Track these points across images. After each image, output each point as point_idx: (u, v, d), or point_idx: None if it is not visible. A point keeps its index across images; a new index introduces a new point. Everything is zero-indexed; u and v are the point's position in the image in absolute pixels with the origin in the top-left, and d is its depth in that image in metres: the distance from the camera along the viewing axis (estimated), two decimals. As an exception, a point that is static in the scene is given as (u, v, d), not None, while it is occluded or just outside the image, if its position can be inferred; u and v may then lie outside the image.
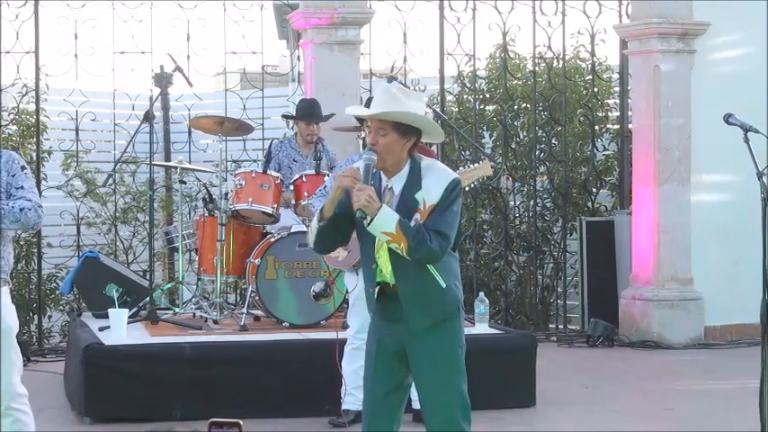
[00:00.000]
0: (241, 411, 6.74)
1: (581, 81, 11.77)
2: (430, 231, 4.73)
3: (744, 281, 9.93)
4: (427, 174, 4.82)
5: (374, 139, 4.79)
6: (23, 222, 5.11)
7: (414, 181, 4.81)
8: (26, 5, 10.05)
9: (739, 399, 7.76)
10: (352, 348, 7.06)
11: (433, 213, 4.76)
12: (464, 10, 10.94)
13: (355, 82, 10.23)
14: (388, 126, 4.77)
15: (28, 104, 10.41)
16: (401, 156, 4.81)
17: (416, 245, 4.70)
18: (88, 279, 8.99)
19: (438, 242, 4.73)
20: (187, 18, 10.69)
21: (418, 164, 4.84)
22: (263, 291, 8.07)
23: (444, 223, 4.77)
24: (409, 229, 4.71)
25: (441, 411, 4.88)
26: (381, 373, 4.92)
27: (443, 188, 4.78)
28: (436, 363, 4.85)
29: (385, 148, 4.78)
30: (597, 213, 11.62)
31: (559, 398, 8.15)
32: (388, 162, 4.81)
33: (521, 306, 11.54)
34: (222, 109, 10.66)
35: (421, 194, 4.79)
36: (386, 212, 4.71)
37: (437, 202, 4.77)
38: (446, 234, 4.77)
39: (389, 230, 4.71)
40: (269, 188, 8.27)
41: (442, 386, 4.87)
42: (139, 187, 11.02)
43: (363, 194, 4.69)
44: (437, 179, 4.81)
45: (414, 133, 4.81)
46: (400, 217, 4.72)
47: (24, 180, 5.17)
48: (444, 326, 4.87)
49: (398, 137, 4.78)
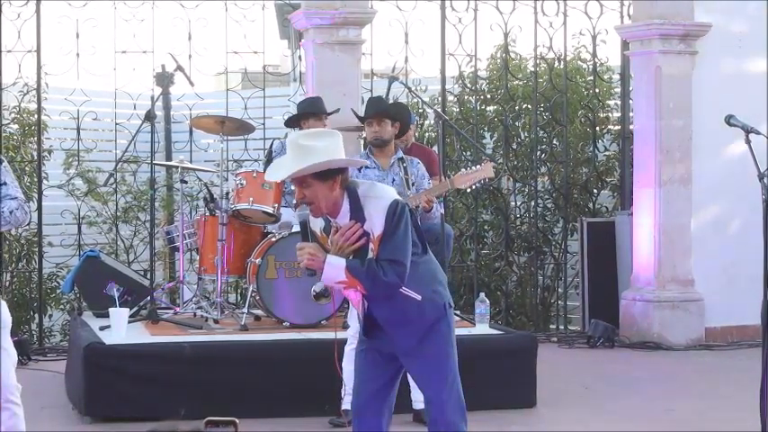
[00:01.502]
0: (241, 411, 6.74)
1: (582, 82, 11.77)
2: (383, 262, 4.71)
3: (744, 282, 9.93)
4: (367, 202, 4.79)
5: (300, 194, 4.79)
6: (13, 223, 5.14)
7: (357, 214, 4.79)
8: (28, 4, 10.05)
9: (740, 400, 7.76)
10: (352, 348, 7.03)
11: (383, 243, 4.73)
12: (465, 10, 10.94)
13: (356, 82, 10.22)
14: (307, 178, 4.76)
15: (29, 103, 10.42)
16: (334, 196, 4.79)
17: (371, 284, 4.73)
18: (89, 278, 9.00)
19: (393, 271, 4.72)
20: (188, 17, 10.70)
21: (355, 193, 4.82)
22: (263, 290, 8.07)
23: (394, 250, 4.73)
24: (359, 272, 4.71)
25: (438, 412, 4.92)
26: (370, 372, 4.96)
27: (384, 216, 4.74)
28: (428, 368, 4.90)
29: (314, 198, 4.77)
30: (598, 214, 11.62)
31: (560, 398, 8.15)
32: (325, 209, 4.79)
33: (521, 307, 11.54)
34: (223, 108, 10.66)
35: (369, 225, 4.76)
36: (331, 264, 4.73)
37: (382, 230, 4.74)
38: (399, 260, 4.73)
39: (341, 279, 4.75)
40: (270, 188, 8.26)
41: (436, 391, 4.91)
42: (140, 187, 11.03)
43: (304, 253, 4.76)
44: (376, 207, 4.77)
45: (336, 172, 4.79)
46: (347, 262, 4.72)
47: (6, 175, 5.15)
48: (432, 334, 4.89)
49: (321, 183, 4.76)
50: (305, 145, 4.81)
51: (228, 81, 11.05)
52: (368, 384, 4.96)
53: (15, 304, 10.43)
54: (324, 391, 7.23)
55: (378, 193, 4.84)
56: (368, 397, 4.96)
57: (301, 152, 4.77)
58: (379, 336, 4.92)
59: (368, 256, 4.76)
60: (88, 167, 10.94)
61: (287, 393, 7.44)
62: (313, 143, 4.81)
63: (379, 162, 7.19)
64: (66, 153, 10.90)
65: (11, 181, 5.17)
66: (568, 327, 11.32)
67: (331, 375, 6.98)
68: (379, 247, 4.74)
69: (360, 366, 5.02)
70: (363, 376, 4.98)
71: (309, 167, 4.73)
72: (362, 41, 10.27)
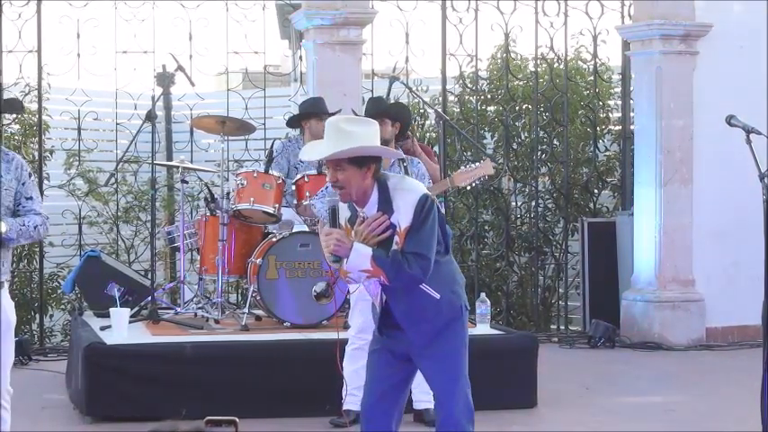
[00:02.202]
0: (242, 411, 6.74)
1: (583, 82, 11.77)
2: (408, 255, 4.74)
3: (745, 282, 9.94)
4: (396, 195, 4.82)
5: (333, 176, 4.81)
6: (35, 238, 5.24)
7: (386, 205, 4.82)
8: (29, 5, 10.06)
9: (740, 400, 7.76)
10: (353, 348, 7.06)
11: (409, 235, 4.76)
12: (466, 10, 10.94)
13: (357, 82, 10.23)
14: (343, 162, 4.79)
15: (30, 104, 10.41)
16: (365, 184, 4.82)
17: (395, 275, 4.73)
18: (90, 278, 9.00)
19: (418, 265, 4.74)
20: (189, 18, 10.70)
21: (385, 185, 4.85)
22: (264, 291, 8.07)
23: (420, 244, 4.76)
24: (384, 263, 4.73)
25: (445, 412, 4.92)
26: (381, 372, 4.94)
27: (413, 208, 4.77)
28: (438, 367, 4.89)
29: (346, 183, 4.80)
30: (599, 214, 11.62)
31: (560, 399, 8.15)
32: (355, 195, 4.82)
33: (522, 307, 11.54)
34: (224, 109, 10.66)
35: (396, 218, 4.79)
36: (357, 251, 4.74)
37: (411, 223, 4.76)
38: (424, 255, 4.76)
39: (365, 267, 4.75)
40: (271, 188, 8.26)
41: (445, 390, 4.91)
42: (141, 187, 11.03)
43: (331, 239, 4.75)
44: (405, 200, 4.80)
45: (371, 161, 4.82)
46: (373, 251, 4.74)
47: (33, 189, 5.22)
48: (446, 332, 4.89)
49: (356, 169, 4.80)
50: (345, 129, 4.83)
51: (229, 81, 11.04)
52: (379, 384, 4.95)
53: (16, 304, 10.42)
54: (325, 392, 7.22)
55: (408, 187, 4.89)
56: (378, 397, 4.95)
57: (341, 136, 4.80)
58: (394, 334, 4.91)
59: (392, 248, 4.77)
60: (89, 167, 10.93)
61: (288, 393, 7.44)
62: (353, 128, 4.83)
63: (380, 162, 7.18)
64: (67, 153, 10.90)
65: (36, 196, 5.22)
66: (569, 327, 11.32)
67: (332, 375, 6.97)
68: (405, 239, 4.76)
69: (372, 366, 5.00)
70: (375, 376, 4.97)
71: (349, 151, 4.76)
72: (363, 41, 10.28)
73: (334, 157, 4.78)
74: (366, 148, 4.81)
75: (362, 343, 7.00)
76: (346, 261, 4.76)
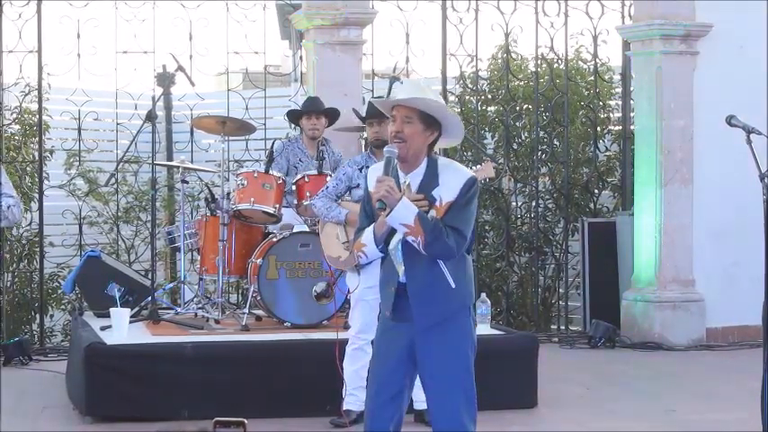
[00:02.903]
0: (242, 411, 6.72)
1: (583, 82, 11.77)
2: (447, 228, 4.75)
3: (745, 282, 9.93)
4: (444, 171, 4.86)
5: (400, 126, 4.81)
6: (10, 219, 5.16)
7: (431, 177, 4.84)
8: (29, 5, 10.06)
9: (741, 400, 7.77)
10: (353, 349, 7.06)
11: (451, 210, 4.79)
12: (467, 10, 10.94)
13: (357, 82, 10.23)
14: (414, 115, 4.81)
15: (30, 104, 10.43)
16: (422, 149, 4.85)
17: (433, 239, 4.72)
18: (90, 278, 9.00)
19: (454, 239, 4.76)
20: (189, 18, 10.71)
21: (435, 161, 4.89)
22: (264, 291, 8.07)
23: (461, 220, 4.80)
24: (427, 223, 4.72)
25: (445, 410, 4.86)
26: (386, 374, 4.91)
27: (461, 185, 4.81)
28: (443, 360, 4.84)
29: (409, 137, 4.81)
30: (599, 214, 11.62)
31: (561, 399, 8.15)
32: (410, 153, 4.83)
33: (522, 307, 11.55)
34: (224, 109, 10.66)
35: (438, 191, 4.82)
36: (405, 204, 4.73)
37: (454, 199, 4.80)
38: (462, 231, 4.79)
39: (408, 222, 4.73)
40: (271, 188, 8.27)
41: (447, 384, 4.85)
42: (141, 187, 11.03)
43: (383, 185, 4.73)
44: (454, 176, 4.84)
45: (436, 129, 4.86)
46: (419, 210, 4.74)
47: (1, 175, 5.18)
48: (451, 324, 4.86)
49: (423, 128, 4.82)
50: (427, 91, 4.87)
51: (229, 81, 11.04)
52: (386, 388, 4.89)
53: (16, 304, 10.45)
54: (325, 392, 7.23)
55: (458, 166, 4.98)
56: (385, 400, 4.90)
57: (421, 92, 4.85)
58: (405, 317, 4.87)
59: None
60: (89, 167, 10.94)
61: (288, 393, 7.44)
62: (432, 94, 4.88)
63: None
64: (68, 153, 10.90)
65: (5, 181, 5.19)
66: (569, 327, 11.32)
67: (332, 375, 7.01)
68: (446, 213, 4.78)
69: (379, 368, 4.95)
70: (383, 379, 4.91)
71: (434, 102, 4.82)
72: (363, 42, 10.29)
73: (416, 104, 4.79)
74: (445, 107, 4.89)
75: (362, 343, 7.02)
76: (389, 211, 4.74)
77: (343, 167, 7.37)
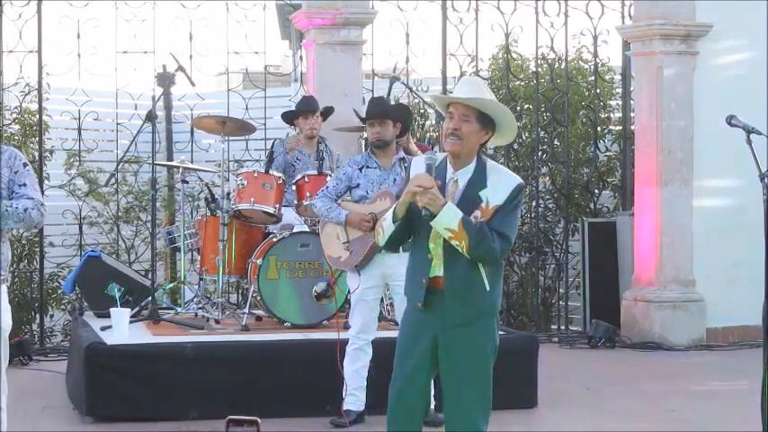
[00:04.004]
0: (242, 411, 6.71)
1: (583, 82, 11.77)
2: (493, 232, 4.79)
3: (745, 283, 9.93)
4: (493, 173, 4.90)
5: (458, 124, 4.85)
6: (27, 222, 5.15)
7: (479, 177, 4.88)
8: (29, 5, 10.06)
9: (741, 400, 7.77)
10: (353, 349, 7.06)
11: (497, 214, 4.83)
12: (467, 10, 10.95)
13: (357, 82, 10.23)
14: (472, 114, 4.85)
15: (30, 104, 10.43)
16: (474, 148, 4.90)
17: (477, 244, 4.76)
18: (90, 278, 9.00)
19: (500, 243, 4.80)
20: (190, 18, 10.70)
21: (484, 163, 4.93)
22: (264, 291, 8.07)
23: (507, 226, 4.84)
24: (471, 228, 4.75)
25: (461, 407, 4.92)
26: (411, 369, 4.93)
27: (510, 190, 4.85)
28: (464, 360, 4.89)
29: (466, 136, 4.85)
30: (599, 214, 11.62)
31: (561, 399, 8.15)
32: (464, 151, 4.87)
33: (522, 307, 11.55)
34: (224, 109, 10.66)
35: (485, 193, 4.85)
36: (450, 209, 4.76)
37: (502, 203, 4.83)
38: (508, 236, 4.84)
39: (452, 227, 4.76)
40: (271, 188, 8.27)
41: (466, 383, 4.91)
42: (141, 187, 11.03)
43: (427, 195, 4.75)
44: (503, 180, 4.89)
45: (491, 129, 4.90)
46: (463, 215, 4.77)
47: (27, 177, 5.19)
48: (477, 324, 4.90)
49: (479, 127, 4.87)
50: (484, 90, 4.92)
51: (229, 81, 11.04)
52: (411, 382, 4.94)
53: (17, 304, 10.44)
54: (325, 392, 7.23)
55: (508, 171, 5.03)
56: (411, 396, 4.95)
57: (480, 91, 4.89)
58: (433, 310, 4.88)
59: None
60: (89, 168, 10.94)
61: (288, 393, 7.43)
62: (487, 92, 4.93)
63: (381, 162, 7.19)
64: (68, 153, 10.90)
65: (31, 183, 5.20)
66: (569, 327, 11.32)
67: (332, 375, 7.01)
68: (493, 217, 4.81)
69: (404, 361, 4.96)
70: (407, 372, 4.93)
71: (494, 102, 4.89)
72: (363, 42, 10.29)
73: (480, 104, 4.83)
74: (505, 108, 4.94)
75: (363, 343, 7.03)
76: (434, 216, 4.76)
77: (343, 167, 7.38)
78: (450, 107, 4.90)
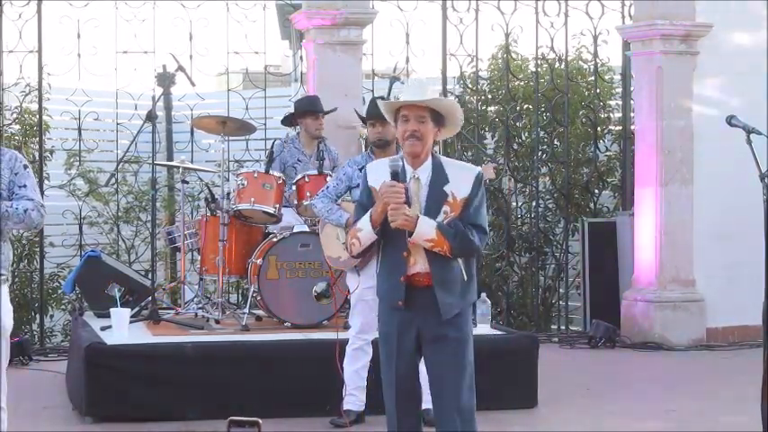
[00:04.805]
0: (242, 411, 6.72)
1: (583, 82, 11.77)
2: (468, 226, 4.95)
3: (745, 283, 9.91)
4: (450, 167, 5.06)
5: (415, 126, 5.00)
6: (27, 223, 5.18)
7: (439, 173, 5.03)
8: (29, 5, 10.06)
9: (741, 400, 7.77)
10: (353, 349, 7.06)
11: (468, 207, 4.98)
12: (467, 10, 10.95)
13: (357, 82, 10.23)
14: (427, 115, 5.01)
15: (31, 104, 10.43)
16: (431, 146, 5.06)
17: (458, 245, 4.92)
18: (90, 278, 9.00)
19: (478, 236, 4.97)
20: (190, 18, 10.70)
21: (438, 158, 5.09)
22: (264, 291, 8.07)
23: (481, 217, 5.02)
24: (449, 232, 4.91)
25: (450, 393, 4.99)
26: (404, 369, 5.01)
27: (472, 182, 5.02)
28: (453, 350, 4.98)
29: (424, 136, 5.01)
30: (599, 214, 11.62)
31: (561, 399, 8.15)
32: (424, 149, 5.03)
33: (522, 307, 11.55)
34: (225, 109, 10.66)
35: (449, 187, 5.00)
36: (424, 222, 4.91)
37: (468, 195, 4.99)
38: (484, 227, 5.02)
39: (430, 237, 4.90)
40: (271, 188, 8.27)
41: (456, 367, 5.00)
42: (142, 187, 11.03)
43: (399, 215, 4.89)
44: (462, 172, 5.07)
45: (441, 125, 5.07)
46: (438, 222, 4.92)
47: (27, 178, 5.21)
48: (459, 319, 5.00)
49: (433, 125, 5.04)
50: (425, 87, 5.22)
51: (230, 81, 11.04)
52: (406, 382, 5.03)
53: (17, 305, 10.41)
54: (325, 392, 7.23)
55: (462, 163, 5.24)
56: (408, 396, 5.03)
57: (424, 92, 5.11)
58: (413, 307, 4.96)
59: (440, 216, 4.94)
60: (89, 168, 10.94)
61: (288, 393, 7.44)
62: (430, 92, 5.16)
63: (381, 162, 7.18)
64: (68, 153, 10.90)
65: (31, 185, 5.23)
66: (569, 327, 11.32)
67: (332, 375, 7.01)
68: (465, 210, 4.97)
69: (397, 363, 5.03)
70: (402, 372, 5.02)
71: (444, 99, 5.15)
72: (363, 42, 10.29)
73: (434, 104, 4.99)
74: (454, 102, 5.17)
75: (362, 343, 7.02)
76: (410, 234, 4.90)
77: (343, 167, 7.37)
78: (401, 111, 5.05)
